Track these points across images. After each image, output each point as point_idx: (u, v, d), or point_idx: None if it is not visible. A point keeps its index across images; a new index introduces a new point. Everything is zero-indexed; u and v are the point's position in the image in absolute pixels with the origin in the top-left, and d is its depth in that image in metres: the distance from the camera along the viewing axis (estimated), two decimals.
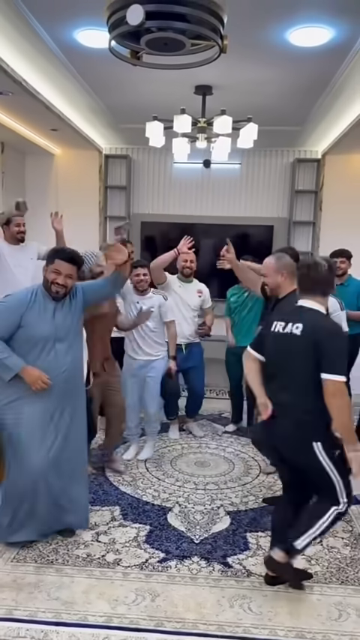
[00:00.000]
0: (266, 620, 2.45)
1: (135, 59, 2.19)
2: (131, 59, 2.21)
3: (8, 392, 2.80)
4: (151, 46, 2.02)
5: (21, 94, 4.03)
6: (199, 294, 4.67)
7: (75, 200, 6.38)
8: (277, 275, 3.07)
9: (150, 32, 1.97)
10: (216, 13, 1.92)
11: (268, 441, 2.65)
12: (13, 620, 2.40)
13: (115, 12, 1.92)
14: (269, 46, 3.28)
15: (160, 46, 2.02)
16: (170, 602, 2.56)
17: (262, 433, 2.71)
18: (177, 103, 4.09)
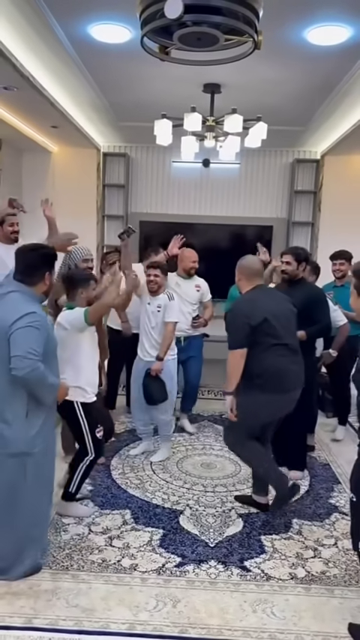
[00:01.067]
0: (291, 625, 2.42)
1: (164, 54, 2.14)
2: (160, 54, 2.16)
3: (37, 419, 2.57)
4: (183, 41, 1.98)
5: (27, 90, 3.95)
6: (197, 288, 4.75)
7: (72, 198, 6.30)
8: (236, 276, 3.31)
9: (184, 26, 1.92)
10: (252, 7, 1.88)
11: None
12: (34, 629, 2.33)
13: (150, 6, 1.87)
14: (287, 44, 3.26)
15: (192, 41, 1.97)
16: (192, 607, 2.52)
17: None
18: (183, 102, 4.04)
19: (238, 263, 3.28)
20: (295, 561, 2.92)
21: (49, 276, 2.57)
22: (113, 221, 6.53)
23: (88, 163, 6.29)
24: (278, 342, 3.09)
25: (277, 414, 3.28)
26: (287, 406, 3.24)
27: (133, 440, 4.62)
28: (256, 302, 3.15)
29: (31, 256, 2.56)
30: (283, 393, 3.16)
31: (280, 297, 3.33)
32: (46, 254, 2.59)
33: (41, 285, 2.56)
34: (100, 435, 3.19)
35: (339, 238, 5.86)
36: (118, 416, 5.20)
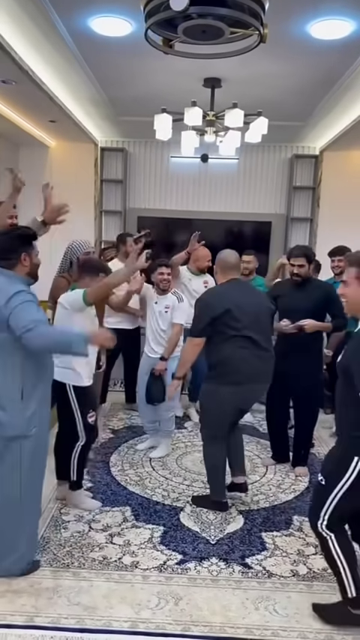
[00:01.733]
0: (294, 622, 2.41)
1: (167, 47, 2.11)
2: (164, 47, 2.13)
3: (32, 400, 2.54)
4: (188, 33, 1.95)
5: (25, 84, 3.90)
6: (205, 284, 4.83)
7: (70, 194, 6.14)
8: (215, 269, 3.40)
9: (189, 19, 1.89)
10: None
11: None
12: (35, 627, 2.32)
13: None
14: (289, 38, 3.23)
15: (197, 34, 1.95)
16: (194, 605, 2.51)
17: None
18: (183, 96, 4.01)
19: (217, 256, 3.38)
20: (296, 558, 2.91)
21: (28, 257, 2.52)
22: (111, 217, 6.49)
23: (86, 158, 6.24)
24: (239, 333, 3.12)
25: (241, 405, 3.34)
26: (250, 399, 3.35)
27: (132, 436, 4.61)
28: (223, 294, 3.23)
29: (3, 240, 2.54)
30: (242, 385, 3.17)
31: (254, 293, 3.42)
32: (19, 235, 2.55)
33: (20, 266, 2.51)
34: (92, 420, 3.16)
35: (338, 234, 5.83)
36: (116, 412, 5.19)
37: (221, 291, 3.28)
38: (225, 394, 3.17)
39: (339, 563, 2.30)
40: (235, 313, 3.11)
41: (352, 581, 2.30)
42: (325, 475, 2.31)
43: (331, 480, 2.25)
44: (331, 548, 2.31)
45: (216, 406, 3.25)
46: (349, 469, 2.17)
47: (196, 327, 3.21)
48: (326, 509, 2.27)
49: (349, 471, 2.17)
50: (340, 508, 2.25)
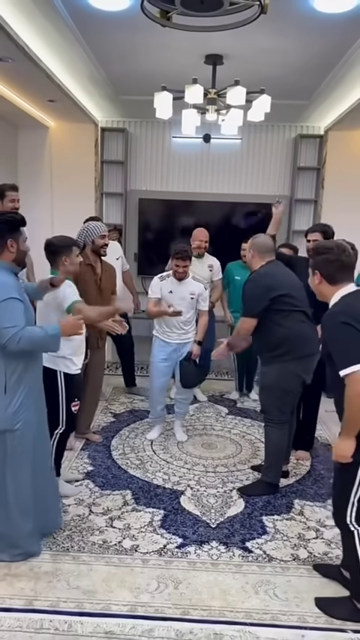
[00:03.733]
0: (293, 607, 2.40)
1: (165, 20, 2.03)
2: (161, 19, 2.05)
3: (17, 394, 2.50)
4: (186, 5, 1.87)
5: (22, 61, 3.79)
6: (209, 268, 4.83)
7: (70, 175, 6.16)
8: (248, 252, 3.46)
9: None
10: None
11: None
12: (34, 610, 2.32)
13: None
14: (292, 12, 3.11)
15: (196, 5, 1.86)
16: (194, 589, 2.50)
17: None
18: (184, 73, 3.90)
19: (252, 241, 3.43)
20: (297, 542, 2.90)
21: (14, 243, 2.46)
22: (112, 199, 6.39)
23: (86, 139, 6.12)
24: (297, 309, 3.26)
25: (307, 379, 3.35)
26: (311, 371, 3.35)
27: (134, 420, 4.60)
28: (277, 275, 3.33)
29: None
30: (306, 357, 3.28)
31: (289, 271, 3.46)
32: (5, 221, 2.47)
33: (6, 253, 2.46)
34: (75, 409, 3.13)
35: (343, 216, 5.75)
36: (118, 396, 5.17)
37: (275, 273, 3.35)
38: (293, 370, 3.26)
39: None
40: (291, 291, 3.26)
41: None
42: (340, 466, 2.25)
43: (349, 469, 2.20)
44: (356, 544, 2.25)
45: (287, 384, 3.30)
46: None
47: (251, 306, 3.28)
48: (352, 501, 2.22)
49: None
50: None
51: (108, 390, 5.22)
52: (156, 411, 4.24)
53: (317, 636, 2.24)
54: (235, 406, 5.08)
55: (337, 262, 2.26)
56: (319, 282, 2.31)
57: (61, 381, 3.05)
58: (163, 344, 4.06)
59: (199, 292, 4.00)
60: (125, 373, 5.29)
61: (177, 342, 4.04)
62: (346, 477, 2.22)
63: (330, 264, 2.27)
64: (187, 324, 4.03)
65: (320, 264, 2.30)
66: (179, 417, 4.29)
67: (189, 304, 3.99)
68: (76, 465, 3.69)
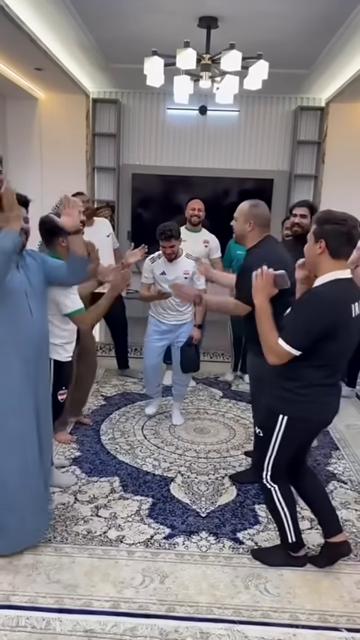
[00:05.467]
0: (285, 603, 2.28)
1: None
2: None
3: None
4: None
5: (3, 23, 3.55)
6: (205, 243, 4.65)
7: (60, 149, 5.92)
8: (244, 223, 2.87)
9: None
10: None
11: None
12: (11, 607, 2.19)
13: None
14: None
15: None
16: (180, 583, 2.38)
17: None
18: (177, 38, 3.65)
19: (250, 209, 2.86)
20: None
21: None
22: (104, 173, 6.16)
23: (77, 111, 5.85)
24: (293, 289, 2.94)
25: None
26: None
27: (125, 403, 4.47)
28: (281, 255, 2.84)
29: None
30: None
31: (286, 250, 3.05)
32: None
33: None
34: (62, 398, 2.94)
35: (343, 192, 5.55)
36: (109, 379, 5.03)
37: (283, 256, 2.81)
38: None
39: (282, 512, 2.42)
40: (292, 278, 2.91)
41: (292, 528, 2.44)
42: (261, 427, 2.45)
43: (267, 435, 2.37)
44: (274, 499, 2.42)
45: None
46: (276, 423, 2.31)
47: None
48: (267, 464, 2.39)
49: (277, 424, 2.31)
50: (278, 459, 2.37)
51: (99, 372, 5.07)
52: (152, 389, 4.14)
53: (310, 635, 2.12)
54: (230, 389, 4.94)
55: (346, 235, 2.14)
56: (321, 252, 2.17)
57: (51, 368, 2.87)
58: (157, 324, 3.93)
59: (193, 270, 3.82)
60: (118, 354, 5.15)
61: (173, 323, 3.90)
62: (264, 441, 2.40)
63: (340, 236, 2.13)
64: (182, 304, 3.86)
65: (329, 234, 2.14)
66: (177, 399, 4.16)
67: (184, 284, 3.81)
68: (63, 451, 3.56)
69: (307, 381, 2.23)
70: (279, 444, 2.33)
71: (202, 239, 4.64)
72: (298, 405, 2.26)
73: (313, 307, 2.15)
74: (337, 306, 2.14)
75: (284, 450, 2.35)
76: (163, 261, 3.80)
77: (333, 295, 2.15)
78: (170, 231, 3.64)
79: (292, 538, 2.45)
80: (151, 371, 4.04)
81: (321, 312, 2.12)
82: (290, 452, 2.38)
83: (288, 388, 2.27)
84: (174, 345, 3.94)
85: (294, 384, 2.25)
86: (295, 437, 2.35)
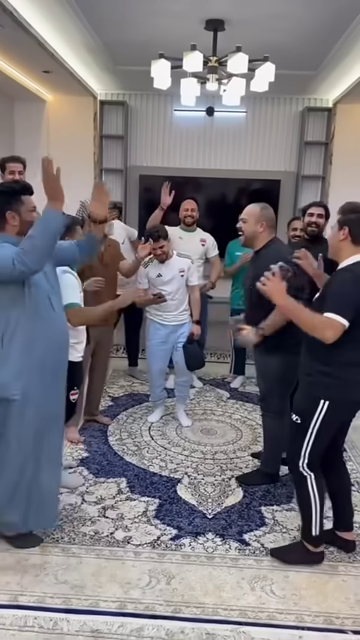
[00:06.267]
0: (291, 605, 2.29)
1: None
2: None
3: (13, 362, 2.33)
4: None
5: (11, 27, 3.59)
6: (202, 242, 4.66)
7: (68, 151, 5.94)
8: (256, 224, 3.00)
9: None
10: None
11: None
12: (19, 607, 2.22)
13: None
14: None
15: None
16: (187, 584, 2.39)
17: None
18: (184, 41, 3.68)
19: (262, 212, 2.99)
20: (296, 535, 2.77)
21: (16, 214, 2.30)
22: (112, 175, 6.19)
23: (85, 112, 5.90)
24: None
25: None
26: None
27: (132, 404, 4.49)
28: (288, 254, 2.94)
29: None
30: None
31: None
32: (1, 192, 2.32)
33: (9, 227, 2.31)
34: (74, 398, 2.96)
35: (351, 193, 5.47)
36: (117, 379, 5.05)
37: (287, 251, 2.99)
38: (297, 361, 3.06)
39: (313, 502, 2.44)
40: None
41: (318, 521, 2.46)
42: (298, 414, 2.44)
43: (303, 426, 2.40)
44: (309, 488, 2.44)
45: (291, 375, 3.08)
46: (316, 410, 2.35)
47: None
48: (304, 452, 2.42)
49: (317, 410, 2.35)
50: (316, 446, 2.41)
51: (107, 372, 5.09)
52: (156, 394, 4.14)
53: (315, 637, 2.13)
54: (237, 390, 4.95)
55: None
56: (344, 238, 2.33)
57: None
58: (159, 327, 3.93)
59: (187, 267, 3.86)
60: (130, 351, 5.16)
61: (173, 323, 3.92)
62: (301, 428, 2.42)
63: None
64: (181, 303, 3.89)
65: (352, 222, 2.32)
66: (181, 401, 4.16)
67: (180, 282, 3.85)
68: (71, 451, 3.58)
69: (344, 361, 2.30)
70: (318, 429, 2.37)
71: (198, 238, 4.65)
72: (338, 388, 2.33)
73: (346, 282, 2.27)
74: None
75: (323, 436, 2.39)
76: (156, 263, 3.83)
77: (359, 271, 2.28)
78: (157, 231, 3.71)
79: (316, 531, 2.48)
80: (156, 375, 4.06)
81: (355, 285, 2.24)
82: (329, 437, 2.43)
83: (327, 372, 2.33)
84: (176, 346, 3.95)
85: (331, 368, 2.32)
86: (335, 421, 2.40)
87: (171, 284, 3.81)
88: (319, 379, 2.36)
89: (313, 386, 2.39)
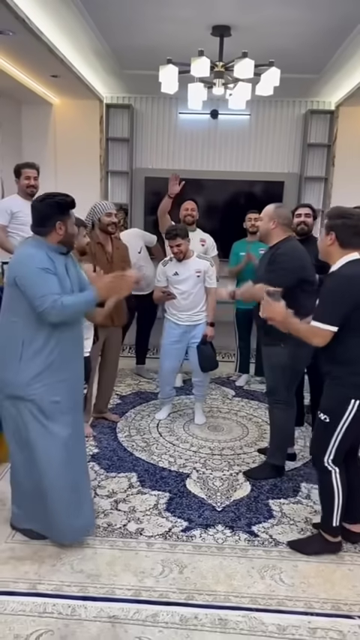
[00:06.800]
0: (300, 592, 2.37)
1: None
2: None
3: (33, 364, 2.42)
4: None
5: (23, 34, 3.68)
6: (202, 242, 4.75)
7: (74, 153, 6.06)
8: (269, 222, 3.18)
9: None
10: None
11: None
12: (37, 594, 2.30)
13: None
14: None
15: None
16: (199, 573, 2.47)
17: None
18: (190, 46, 3.78)
19: (275, 211, 3.18)
20: (303, 526, 2.87)
21: (63, 225, 2.43)
22: (117, 177, 6.28)
23: (91, 115, 6.00)
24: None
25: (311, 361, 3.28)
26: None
27: (140, 402, 4.57)
28: (303, 258, 3.16)
29: (40, 207, 2.45)
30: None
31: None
32: (55, 203, 2.44)
33: (54, 234, 2.43)
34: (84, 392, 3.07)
35: (354, 194, 5.61)
36: (124, 378, 5.14)
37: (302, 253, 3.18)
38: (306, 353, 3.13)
39: (336, 495, 2.53)
40: (313, 273, 3.18)
41: (340, 512, 2.55)
42: (327, 413, 2.50)
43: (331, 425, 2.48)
44: (333, 482, 2.53)
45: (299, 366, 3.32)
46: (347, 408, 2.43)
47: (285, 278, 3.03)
48: (330, 449, 2.50)
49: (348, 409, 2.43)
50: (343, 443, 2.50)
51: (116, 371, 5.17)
52: (165, 392, 4.23)
53: (323, 622, 2.21)
54: (242, 388, 5.03)
55: (354, 228, 2.39)
56: (332, 243, 2.43)
57: None
58: (174, 326, 4.03)
59: (204, 269, 3.94)
60: (138, 349, 5.23)
61: (187, 323, 4.00)
62: (329, 426, 2.49)
63: (348, 229, 2.40)
64: (196, 304, 3.97)
65: (338, 227, 2.41)
66: (199, 400, 4.25)
67: (195, 282, 3.93)
68: None
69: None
70: (347, 427, 2.44)
71: (198, 238, 4.73)
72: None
73: (336, 285, 2.37)
74: (356, 279, 2.36)
75: (351, 433, 2.47)
76: (175, 262, 3.92)
77: (351, 272, 2.38)
78: (175, 230, 3.83)
79: (336, 522, 2.57)
80: (168, 373, 4.15)
81: (344, 287, 2.35)
82: (356, 434, 2.51)
83: (355, 372, 2.41)
84: (190, 346, 4.04)
85: (357, 367, 2.40)
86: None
87: (186, 283, 3.91)
88: (348, 380, 2.43)
89: (342, 387, 2.45)
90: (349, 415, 2.42)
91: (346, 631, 2.16)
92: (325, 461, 2.52)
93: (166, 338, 4.07)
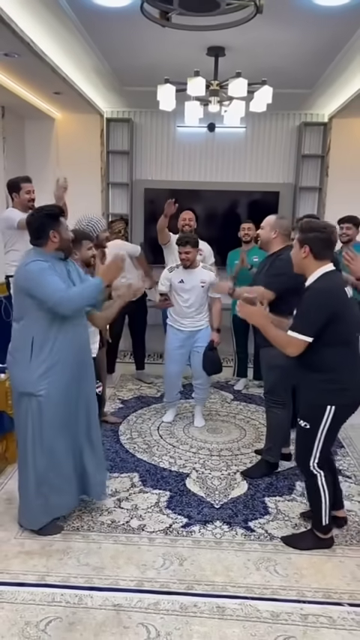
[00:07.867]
0: (293, 582, 2.52)
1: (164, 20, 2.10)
2: (161, 20, 2.12)
3: (41, 362, 2.62)
4: (184, 5, 1.94)
5: (27, 56, 3.87)
6: (199, 252, 4.77)
7: (76, 166, 6.23)
8: (270, 231, 3.36)
9: None
10: None
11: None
12: (46, 585, 2.45)
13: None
14: (291, 5, 3.16)
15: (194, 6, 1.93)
16: (198, 566, 2.62)
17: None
18: (186, 65, 3.96)
19: (277, 221, 3.38)
20: (297, 522, 3.01)
21: (56, 233, 2.63)
22: (118, 188, 6.47)
23: (92, 129, 6.20)
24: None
25: None
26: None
27: (141, 406, 4.72)
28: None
29: (33, 221, 2.67)
30: None
31: None
32: (46, 214, 2.65)
33: (50, 243, 2.64)
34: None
35: (347, 204, 5.79)
36: (125, 383, 5.29)
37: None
38: None
39: (323, 497, 2.67)
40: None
41: (328, 512, 2.69)
42: (306, 420, 2.63)
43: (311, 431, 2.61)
44: (319, 485, 2.66)
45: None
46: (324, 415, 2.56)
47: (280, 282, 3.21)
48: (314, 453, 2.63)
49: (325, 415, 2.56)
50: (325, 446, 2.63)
51: (116, 376, 5.34)
52: (171, 395, 4.38)
53: (315, 609, 2.36)
54: (240, 392, 5.18)
55: (326, 241, 2.53)
56: (306, 256, 2.54)
57: None
58: (176, 332, 4.19)
59: (209, 280, 4.08)
60: (136, 354, 5.37)
61: (190, 329, 4.16)
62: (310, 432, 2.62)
63: (320, 242, 2.51)
64: (198, 312, 4.13)
65: (311, 240, 2.52)
66: (199, 403, 4.40)
67: (200, 292, 4.07)
68: None
69: (336, 364, 2.53)
70: (327, 431, 2.57)
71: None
72: (342, 391, 2.54)
73: (314, 298, 2.50)
74: (333, 292, 2.51)
75: (331, 436, 2.63)
76: (181, 270, 4.09)
77: (327, 284, 2.52)
78: (187, 238, 4.00)
79: (326, 521, 2.71)
80: (173, 378, 4.30)
81: (321, 299, 2.48)
82: (335, 436, 2.67)
83: (330, 379, 2.53)
84: (193, 351, 4.19)
85: (331, 375, 2.53)
86: (342, 421, 2.63)
87: (190, 292, 4.07)
88: (324, 387, 2.55)
89: (319, 394, 2.58)
90: (327, 420, 2.55)
91: (335, 617, 2.31)
92: (311, 465, 2.65)
93: (170, 343, 4.23)
